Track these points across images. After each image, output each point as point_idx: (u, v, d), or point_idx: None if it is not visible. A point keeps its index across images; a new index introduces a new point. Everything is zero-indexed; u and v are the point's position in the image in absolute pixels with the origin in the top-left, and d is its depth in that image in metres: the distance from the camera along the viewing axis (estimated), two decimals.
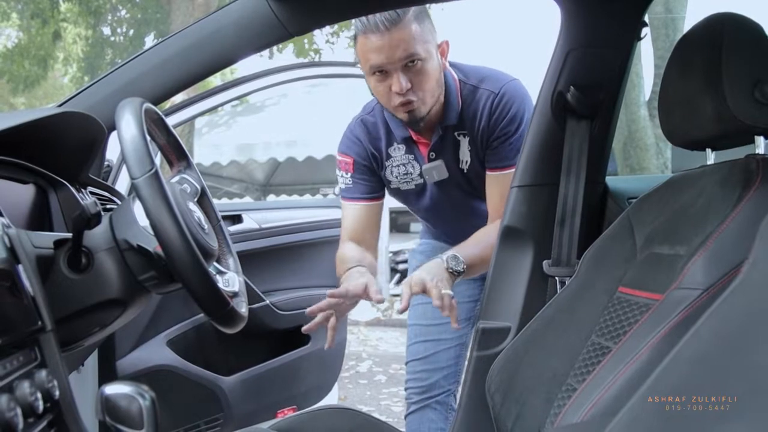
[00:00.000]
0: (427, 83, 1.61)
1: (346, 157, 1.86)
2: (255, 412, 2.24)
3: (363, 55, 1.60)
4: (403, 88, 1.58)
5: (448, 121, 1.72)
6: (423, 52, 1.58)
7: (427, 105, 1.64)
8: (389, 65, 1.57)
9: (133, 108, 1.04)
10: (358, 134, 1.83)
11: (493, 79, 1.73)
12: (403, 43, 1.55)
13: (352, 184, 1.86)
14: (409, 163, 1.81)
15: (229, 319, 1.07)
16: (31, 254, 0.93)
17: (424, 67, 1.59)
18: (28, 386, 0.76)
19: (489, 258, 1.62)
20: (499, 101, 1.68)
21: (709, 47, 1.10)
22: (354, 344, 5.82)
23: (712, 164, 1.17)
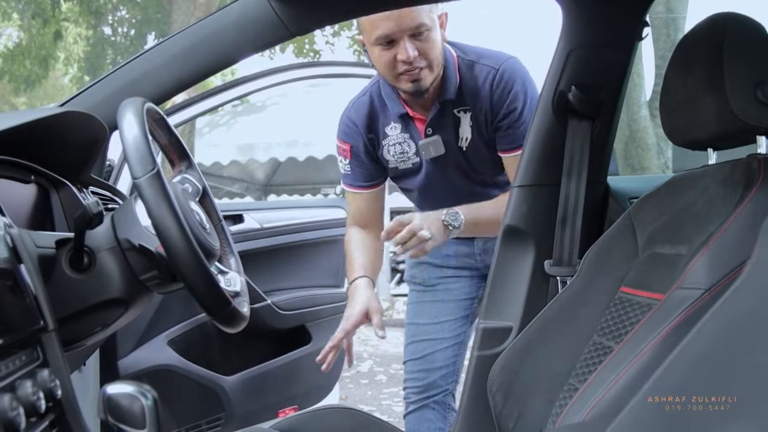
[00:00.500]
0: (433, 52, 1.63)
1: (343, 143, 1.88)
2: (256, 412, 2.25)
3: (370, 23, 1.60)
4: (411, 56, 1.59)
5: (446, 95, 1.72)
6: (429, 21, 1.60)
7: (432, 74, 1.65)
8: (398, 33, 1.58)
9: (134, 108, 1.04)
10: (353, 118, 1.85)
11: (491, 56, 1.74)
12: (411, 12, 1.56)
13: (351, 170, 1.89)
14: (405, 141, 1.82)
15: (231, 318, 1.08)
16: (34, 254, 0.93)
17: (430, 36, 1.61)
18: (31, 386, 0.76)
19: (495, 221, 1.63)
20: (500, 78, 1.70)
21: (710, 47, 1.10)
22: (355, 344, 5.77)
23: (714, 164, 1.17)
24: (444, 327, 1.99)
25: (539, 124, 1.52)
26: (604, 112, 1.49)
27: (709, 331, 0.74)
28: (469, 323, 2.04)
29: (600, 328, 1.21)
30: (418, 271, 2.05)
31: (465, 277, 2.03)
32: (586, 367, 1.19)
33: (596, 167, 1.52)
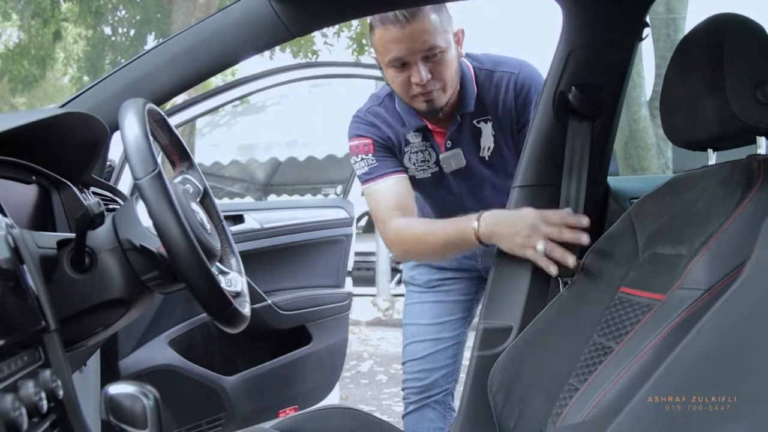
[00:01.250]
0: (447, 73, 1.61)
1: (362, 139, 1.76)
2: (257, 412, 2.25)
3: (382, 46, 1.58)
4: (424, 79, 1.58)
5: (465, 108, 1.71)
6: (443, 43, 1.57)
7: (446, 94, 1.64)
8: (409, 56, 1.56)
9: (136, 109, 1.04)
10: (371, 120, 1.79)
11: (506, 62, 1.73)
12: (423, 35, 1.53)
13: (377, 162, 1.75)
14: (426, 150, 1.78)
15: (232, 319, 1.08)
16: (35, 254, 0.93)
17: (444, 57, 1.59)
18: (33, 386, 0.76)
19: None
20: (522, 83, 1.69)
21: (711, 48, 1.10)
22: (355, 344, 5.82)
23: (714, 165, 1.17)
24: (444, 327, 2.00)
25: (540, 124, 1.52)
26: (605, 112, 1.50)
27: (710, 331, 0.74)
28: (467, 323, 2.04)
29: (600, 328, 1.21)
30: (417, 273, 2.05)
31: (464, 278, 2.03)
32: (586, 367, 1.19)
33: (596, 167, 1.52)
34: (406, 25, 1.52)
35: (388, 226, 1.70)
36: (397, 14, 1.51)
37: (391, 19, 1.52)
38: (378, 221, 1.74)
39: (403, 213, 1.70)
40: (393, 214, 1.70)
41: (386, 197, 1.73)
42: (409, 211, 1.72)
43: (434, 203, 1.95)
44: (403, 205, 1.71)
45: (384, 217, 1.71)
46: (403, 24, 1.52)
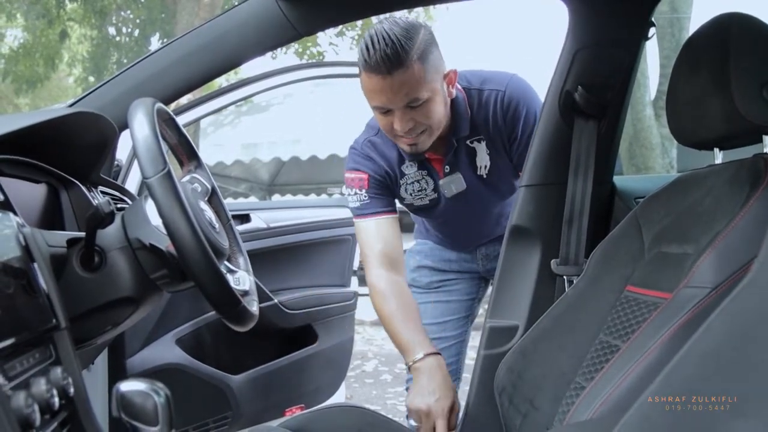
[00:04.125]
0: (431, 119, 1.56)
1: (358, 173, 1.75)
2: (263, 411, 2.25)
3: (365, 92, 1.54)
4: (406, 128, 1.54)
5: (460, 132, 1.68)
6: (427, 93, 1.51)
7: (432, 137, 1.60)
8: (390, 106, 1.52)
9: (145, 108, 1.04)
10: (368, 152, 1.76)
11: (494, 78, 1.70)
12: (405, 87, 1.48)
13: (369, 199, 1.74)
14: (423, 179, 1.77)
15: (241, 317, 1.08)
16: (46, 253, 0.93)
17: (428, 106, 1.53)
18: (44, 383, 0.77)
19: None
20: (509, 100, 1.65)
21: (717, 47, 1.10)
22: (360, 343, 5.82)
23: (720, 164, 1.18)
24: (447, 326, 2.01)
25: (545, 123, 1.52)
26: (610, 112, 1.50)
27: (717, 329, 0.74)
28: (469, 322, 2.06)
29: (606, 327, 1.22)
30: (419, 275, 2.06)
31: (465, 279, 2.04)
32: (592, 366, 1.19)
33: (602, 167, 1.52)
34: (387, 77, 1.46)
35: (369, 271, 1.72)
36: (380, 64, 1.44)
37: (374, 68, 1.46)
38: (362, 257, 1.77)
39: (385, 259, 1.71)
40: (375, 261, 1.72)
41: (372, 239, 1.74)
42: (392, 256, 1.72)
43: (435, 226, 1.98)
44: (387, 251, 1.72)
45: (368, 259, 1.74)
46: (384, 75, 1.46)
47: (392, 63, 1.44)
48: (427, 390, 1.48)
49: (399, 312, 1.65)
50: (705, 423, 0.71)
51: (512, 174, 1.77)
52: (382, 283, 1.69)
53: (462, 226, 1.93)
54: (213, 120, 9.38)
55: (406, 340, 1.61)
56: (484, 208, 1.85)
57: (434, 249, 2.07)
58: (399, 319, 1.64)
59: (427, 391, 1.48)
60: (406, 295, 1.71)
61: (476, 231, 1.95)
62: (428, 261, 2.07)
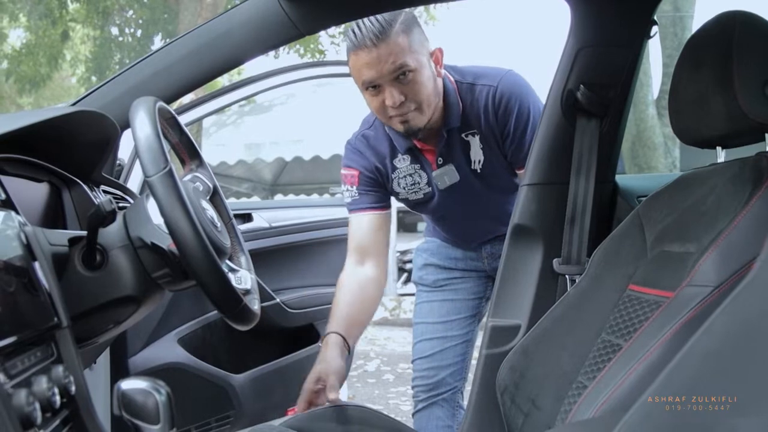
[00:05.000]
0: (421, 93, 1.59)
1: (350, 170, 1.82)
2: (265, 410, 2.25)
3: (355, 71, 1.59)
4: (396, 101, 1.57)
5: (450, 124, 1.70)
6: (413, 62, 1.56)
7: (424, 115, 1.62)
8: (380, 79, 1.56)
9: (147, 107, 1.05)
10: (360, 148, 1.81)
11: (488, 74, 1.71)
12: (391, 56, 1.54)
13: (359, 196, 1.82)
14: (416, 173, 1.79)
15: (242, 316, 1.08)
16: (47, 251, 0.94)
17: (416, 77, 1.58)
18: (46, 381, 0.77)
19: None
20: (500, 96, 1.67)
21: (719, 46, 1.10)
22: (362, 343, 5.82)
23: (723, 162, 1.17)
24: (453, 325, 2.01)
25: (548, 122, 1.52)
26: (613, 111, 1.50)
27: (719, 328, 0.74)
28: (476, 322, 2.05)
29: (609, 326, 1.21)
30: (426, 273, 2.06)
31: (472, 278, 2.04)
32: (594, 365, 1.19)
33: (605, 166, 1.52)
34: (373, 49, 1.53)
35: (347, 258, 1.83)
36: (365, 38, 1.53)
37: (360, 44, 1.54)
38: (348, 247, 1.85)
39: (356, 253, 1.80)
40: (351, 254, 1.82)
41: (354, 234, 1.83)
42: (366, 250, 1.80)
43: (435, 222, 1.99)
44: (363, 244, 1.80)
45: (349, 250, 1.83)
46: (370, 48, 1.53)
47: (377, 36, 1.53)
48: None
49: (339, 293, 1.76)
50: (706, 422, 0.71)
51: (507, 170, 1.78)
52: (343, 275, 1.80)
53: (462, 222, 1.93)
54: (216, 120, 9.40)
55: (334, 313, 1.73)
56: (481, 204, 1.85)
57: (441, 247, 2.07)
58: (335, 300, 1.75)
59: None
60: (361, 282, 1.78)
61: (478, 228, 1.95)
62: (434, 259, 2.07)
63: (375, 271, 1.80)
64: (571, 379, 1.22)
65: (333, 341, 1.65)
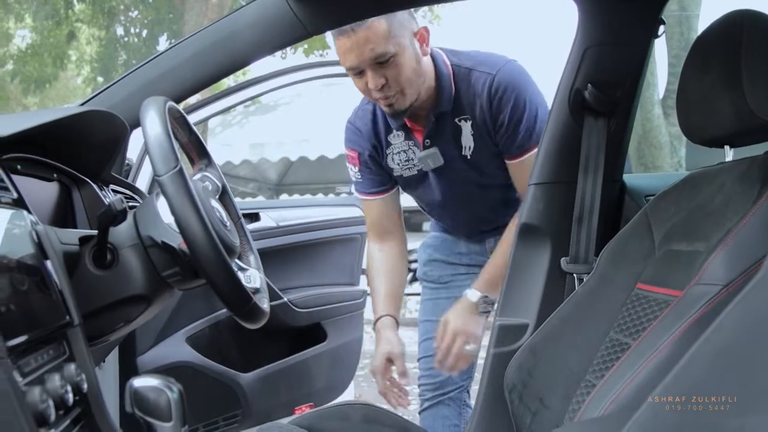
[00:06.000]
0: (402, 76, 1.61)
1: (351, 151, 1.89)
2: (273, 409, 2.26)
3: (339, 55, 1.62)
4: (378, 84, 1.60)
5: (441, 107, 1.71)
6: (393, 47, 1.58)
7: (407, 97, 1.64)
8: (361, 65, 1.59)
9: (157, 106, 1.05)
10: (357, 125, 1.85)
11: (488, 61, 1.71)
12: (369, 43, 1.55)
13: (362, 178, 1.89)
14: (409, 149, 1.81)
15: (252, 314, 1.09)
16: (59, 250, 0.94)
17: (397, 61, 1.59)
18: (59, 379, 0.77)
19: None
20: (497, 85, 1.67)
21: (727, 44, 1.10)
22: (368, 343, 5.77)
23: (731, 161, 1.17)
24: None
25: (555, 121, 1.52)
26: (620, 110, 1.49)
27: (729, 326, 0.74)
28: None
29: (617, 325, 1.22)
30: (430, 269, 2.06)
31: (477, 274, 2.03)
32: (603, 364, 1.19)
33: (612, 165, 1.52)
34: (352, 35, 1.55)
35: (369, 244, 2.02)
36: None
37: (341, 30, 1.56)
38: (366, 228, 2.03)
39: (378, 235, 1.96)
40: (369, 231, 2.00)
41: (367, 215, 1.99)
42: (384, 231, 1.95)
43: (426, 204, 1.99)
44: (380, 227, 1.95)
45: (368, 231, 2.02)
46: (349, 34, 1.55)
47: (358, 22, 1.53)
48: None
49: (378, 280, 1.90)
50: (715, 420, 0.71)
51: (498, 158, 1.78)
52: (371, 254, 1.97)
53: (457, 208, 1.93)
54: (221, 120, 9.39)
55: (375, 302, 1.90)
56: (474, 189, 1.85)
57: (445, 242, 2.07)
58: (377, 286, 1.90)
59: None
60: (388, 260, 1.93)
61: (475, 216, 1.95)
62: (439, 254, 2.07)
63: (397, 245, 1.95)
64: (579, 378, 1.22)
65: (388, 323, 1.83)
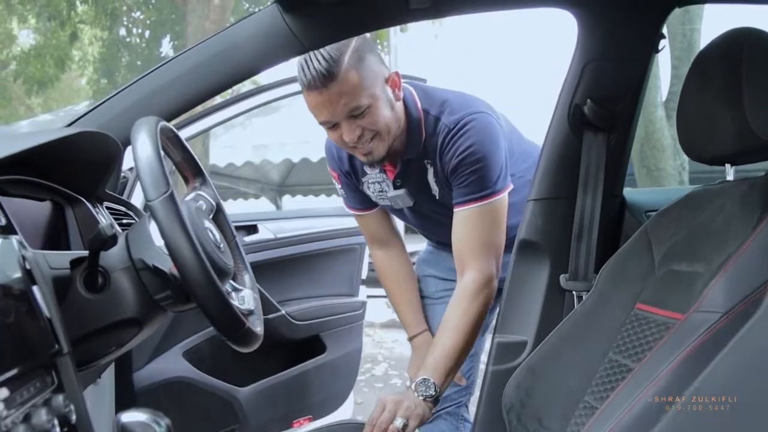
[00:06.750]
0: (378, 124, 1.55)
1: (332, 171, 1.88)
2: (271, 422, 2.25)
3: (310, 110, 1.56)
4: (354, 137, 1.54)
5: (409, 154, 1.67)
6: (366, 99, 1.51)
7: (384, 141, 1.58)
8: (334, 119, 1.53)
9: (148, 128, 1.04)
10: (334, 150, 1.83)
11: (455, 110, 1.63)
12: (342, 97, 1.49)
13: (345, 194, 1.90)
14: (383, 181, 1.77)
15: (245, 339, 1.08)
16: (48, 276, 0.93)
17: (371, 111, 1.53)
18: (45, 413, 0.76)
19: (468, 343, 1.60)
20: (452, 137, 1.61)
21: (728, 62, 1.08)
22: (369, 346, 5.82)
23: (732, 181, 1.16)
24: None
25: (554, 136, 1.51)
26: (620, 125, 1.48)
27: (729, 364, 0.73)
28: (482, 334, 2.02)
29: (616, 346, 1.20)
30: (425, 285, 2.05)
31: None
32: (602, 385, 1.18)
33: (612, 180, 1.50)
34: (324, 90, 1.48)
35: (371, 251, 2.03)
36: (315, 79, 1.47)
37: (310, 86, 1.49)
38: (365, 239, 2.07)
39: (378, 244, 1.99)
40: (370, 243, 2.02)
41: (364, 228, 2.00)
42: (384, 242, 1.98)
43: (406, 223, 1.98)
44: (378, 237, 1.98)
45: (367, 242, 2.05)
46: (320, 90, 1.48)
47: (325, 77, 1.47)
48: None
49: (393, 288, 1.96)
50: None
51: None
52: (376, 261, 2.00)
53: (440, 235, 1.88)
54: None
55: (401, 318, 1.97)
56: (437, 227, 1.82)
57: (438, 257, 2.05)
58: (394, 297, 1.97)
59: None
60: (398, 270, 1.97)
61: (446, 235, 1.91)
62: (433, 270, 2.06)
63: (400, 252, 1.98)
64: (578, 398, 1.21)
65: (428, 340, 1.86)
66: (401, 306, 1.95)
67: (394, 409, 1.45)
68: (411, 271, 2.00)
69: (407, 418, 1.45)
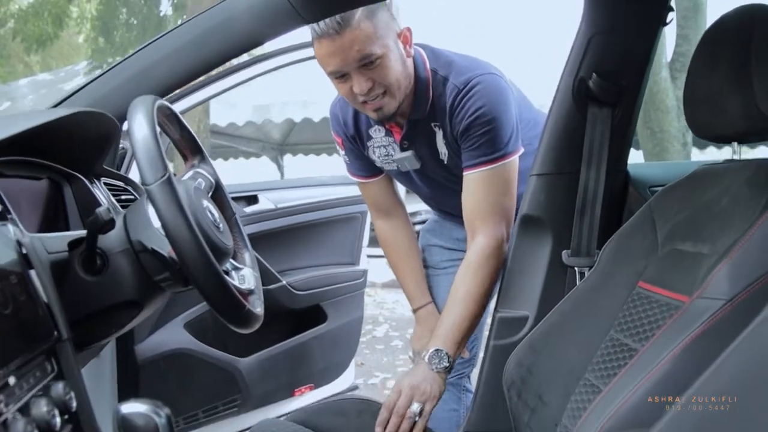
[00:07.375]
0: (389, 77, 1.53)
1: (336, 136, 1.84)
2: (272, 392, 2.27)
3: (320, 60, 1.54)
4: (365, 89, 1.52)
5: (416, 114, 1.65)
6: (379, 48, 1.50)
7: (395, 99, 1.57)
8: (346, 68, 1.51)
9: (145, 108, 1.02)
10: (339, 114, 1.80)
11: (464, 71, 1.61)
12: (355, 44, 1.47)
13: (349, 161, 1.87)
14: (389, 145, 1.75)
15: (245, 320, 1.08)
16: (46, 261, 0.92)
17: (383, 63, 1.51)
18: (45, 404, 0.76)
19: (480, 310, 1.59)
20: (462, 98, 1.58)
21: (738, 41, 1.06)
22: (371, 307, 5.84)
23: (739, 161, 1.15)
24: None
25: (558, 111, 1.49)
26: (625, 99, 1.46)
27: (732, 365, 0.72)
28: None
29: (618, 324, 1.20)
30: (429, 255, 2.04)
31: None
32: (603, 364, 1.18)
33: (616, 155, 1.49)
34: (336, 38, 1.46)
35: (373, 221, 2.00)
36: (328, 27, 1.45)
37: (323, 33, 1.47)
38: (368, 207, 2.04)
39: (381, 213, 1.96)
40: (373, 213, 1.99)
41: (365, 197, 1.98)
42: (387, 211, 1.95)
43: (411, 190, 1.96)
44: (381, 206, 1.95)
45: (369, 210, 2.02)
46: (333, 37, 1.46)
47: (340, 24, 1.45)
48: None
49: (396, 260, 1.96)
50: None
51: None
52: (379, 231, 1.97)
53: (445, 201, 1.89)
54: None
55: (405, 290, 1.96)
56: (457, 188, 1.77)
57: (443, 226, 2.05)
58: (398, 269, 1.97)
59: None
60: (401, 241, 1.95)
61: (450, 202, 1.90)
62: (437, 240, 2.05)
63: (403, 221, 1.96)
64: (579, 375, 1.21)
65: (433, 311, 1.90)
66: (405, 278, 1.94)
67: (410, 393, 1.46)
68: (414, 242, 1.98)
69: (423, 402, 1.46)
